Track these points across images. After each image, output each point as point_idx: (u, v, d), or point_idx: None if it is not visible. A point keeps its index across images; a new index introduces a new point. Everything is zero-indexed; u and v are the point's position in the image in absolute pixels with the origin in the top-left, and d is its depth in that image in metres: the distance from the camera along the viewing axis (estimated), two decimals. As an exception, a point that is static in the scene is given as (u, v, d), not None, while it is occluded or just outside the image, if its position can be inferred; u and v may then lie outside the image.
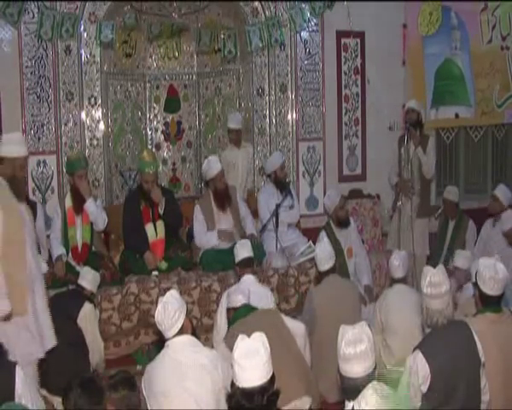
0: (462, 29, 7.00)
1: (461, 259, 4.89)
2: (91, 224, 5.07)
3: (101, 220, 5.08)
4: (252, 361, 2.26)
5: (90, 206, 5.00)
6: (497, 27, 7.15)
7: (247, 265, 4.24)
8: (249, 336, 2.40)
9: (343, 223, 5.48)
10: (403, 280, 4.45)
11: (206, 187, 5.54)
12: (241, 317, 3.58)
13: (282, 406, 2.41)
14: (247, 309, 3.65)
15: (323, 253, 4.35)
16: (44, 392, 3.86)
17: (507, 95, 7.24)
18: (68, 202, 5.06)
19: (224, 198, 5.37)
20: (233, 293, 3.78)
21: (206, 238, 5.33)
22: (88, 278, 4.44)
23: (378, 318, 4.32)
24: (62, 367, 3.95)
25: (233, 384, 2.31)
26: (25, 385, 2.68)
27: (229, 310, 3.80)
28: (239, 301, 3.69)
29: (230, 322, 3.72)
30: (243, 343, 2.33)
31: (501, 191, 5.63)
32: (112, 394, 2.56)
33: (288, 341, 3.53)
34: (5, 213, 3.31)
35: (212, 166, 5.34)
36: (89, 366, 4.19)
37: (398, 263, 4.40)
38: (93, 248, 5.13)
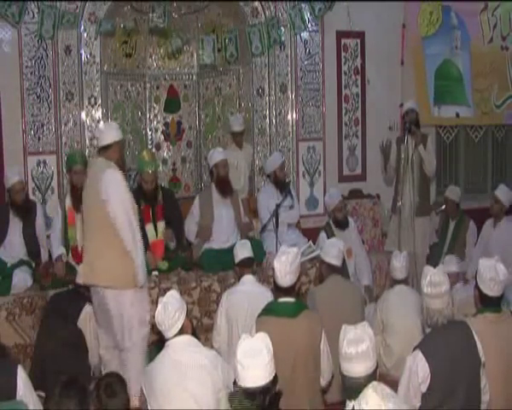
0: (463, 29, 7.01)
1: (450, 265, 4.72)
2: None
3: None
4: (254, 361, 2.27)
5: None
6: (498, 27, 7.16)
7: (247, 265, 4.23)
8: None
9: (341, 224, 5.49)
10: (404, 281, 4.45)
11: (211, 176, 5.63)
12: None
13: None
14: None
15: (336, 247, 4.32)
16: (43, 393, 3.85)
17: (506, 95, 7.24)
18: (68, 202, 5.06)
19: (225, 184, 5.42)
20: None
21: (187, 228, 5.44)
22: None
23: (379, 318, 4.33)
24: (62, 368, 3.95)
25: (235, 383, 2.31)
26: (26, 386, 2.68)
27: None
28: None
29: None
30: (246, 343, 2.33)
31: (502, 192, 5.62)
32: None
33: (316, 356, 3.38)
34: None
35: (216, 153, 5.48)
36: (89, 367, 4.19)
37: (399, 265, 4.41)
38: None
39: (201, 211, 5.40)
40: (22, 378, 2.68)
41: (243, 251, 4.26)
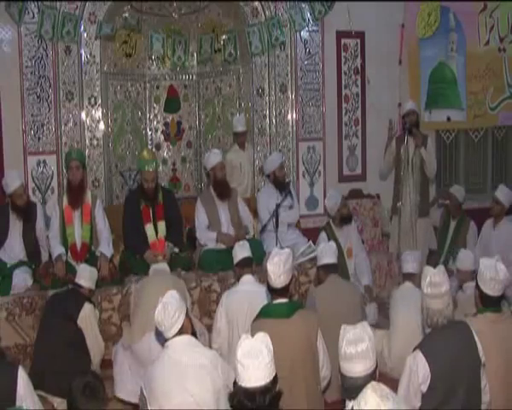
0: (460, 31, 7.00)
1: (462, 261, 4.58)
2: (91, 224, 5.07)
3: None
4: (254, 361, 2.26)
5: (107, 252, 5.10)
6: (496, 28, 7.15)
7: (246, 265, 4.22)
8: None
9: (347, 219, 5.47)
10: (412, 277, 4.43)
11: (207, 178, 5.62)
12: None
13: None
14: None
15: (328, 247, 4.35)
16: (43, 393, 3.85)
17: (501, 97, 7.23)
18: (65, 200, 5.07)
19: (223, 187, 5.43)
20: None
21: (205, 236, 5.37)
22: (85, 276, 4.39)
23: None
24: (62, 368, 3.95)
25: (235, 384, 2.31)
26: (26, 387, 2.68)
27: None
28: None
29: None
30: (246, 343, 2.33)
31: (502, 193, 5.61)
32: None
33: (314, 354, 3.36)
34: None
35: (213, 155, 5.46)
36: (89, 366, 4.18)
37: (410, 258, 4.49)
38: (92, 248, 5.13)
39: (208, 215, 5.39)
40: (23, 380, 2.67)
41: (242, 251, 4.26)
